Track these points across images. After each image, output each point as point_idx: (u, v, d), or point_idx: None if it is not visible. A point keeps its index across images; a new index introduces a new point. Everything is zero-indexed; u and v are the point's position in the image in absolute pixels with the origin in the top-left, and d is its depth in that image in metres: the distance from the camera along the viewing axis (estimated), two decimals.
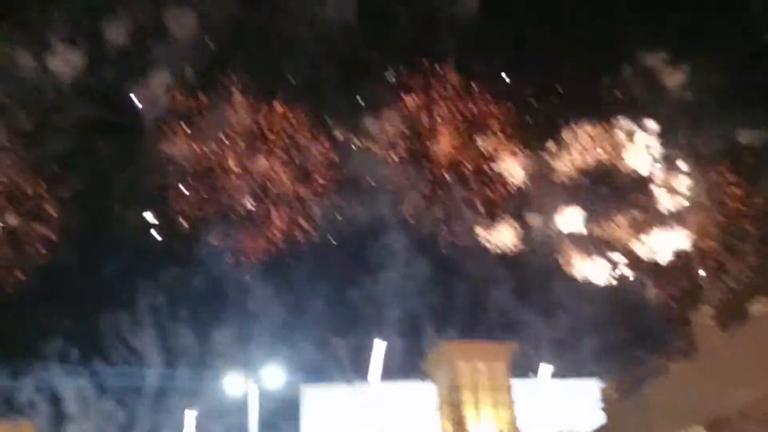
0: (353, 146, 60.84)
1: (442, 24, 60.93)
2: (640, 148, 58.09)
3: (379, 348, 54.11)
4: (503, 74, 59.24)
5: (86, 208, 56.22)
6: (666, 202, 56.43)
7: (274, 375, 39.64)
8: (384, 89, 61.44)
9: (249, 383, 39.18)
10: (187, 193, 58.29)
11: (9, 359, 53.15)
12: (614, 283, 56.09)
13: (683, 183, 56.45)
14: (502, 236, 59.06)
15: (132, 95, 59.41)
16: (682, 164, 57.67)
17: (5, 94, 55.00)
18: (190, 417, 54.55)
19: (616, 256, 57.33)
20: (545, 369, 53.92)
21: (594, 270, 57.36)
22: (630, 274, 56.98)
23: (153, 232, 57.92)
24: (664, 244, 54.83)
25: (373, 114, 60.93)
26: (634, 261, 56.81)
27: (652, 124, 58.41)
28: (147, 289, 57.94)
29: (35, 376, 54.72)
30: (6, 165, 53.51)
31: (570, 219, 58.74)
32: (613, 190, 58.85)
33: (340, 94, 62.00)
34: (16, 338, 54.50)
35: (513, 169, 59.55)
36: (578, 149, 59.14)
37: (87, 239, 56.66)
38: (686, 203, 55.49)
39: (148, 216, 58.29)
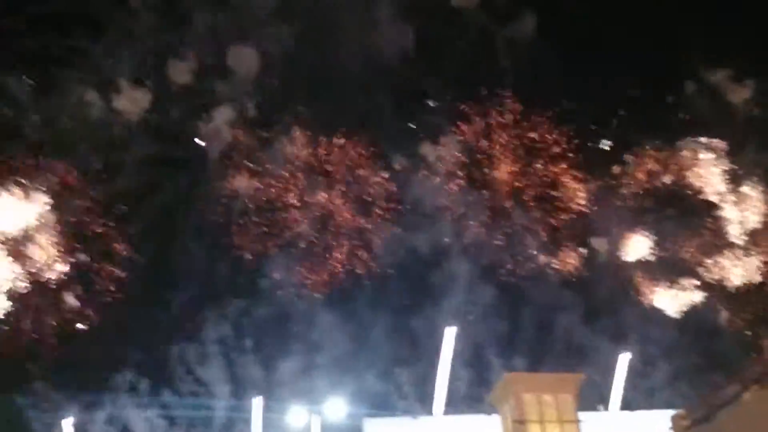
0: (412, 175, 61.45)
1: (499, 49, 61.10)
2: (708, 169, 56.91)
3: (449, 335, 54.31)
4: (563, 98, 58.87)
5: (153, 244, 57.90)
6: (736, 224, 54.98)
7: (336, 407, 39.84)
8: (442, 117, 62.09)
9: (312, 415, 39.44)
10: (249, 227, 59.54)
11: (82, 392, 54.84)
12: (685, 309, 54.71)
13: (754, 204, 54.92)
14: (567, 262, 58.43)
15: (196, 132, 61.47)
16: (752, 184, 56.29)
17: (75, 134, 57.44)
18: None
19: (686, 281, 55.99)
20: (623, 358, 53.00)
21: (664, 296, 56.14)
22: (701, 298, 55.58)
23: (218, 265, 59.13)
24: (735, 268, 53.27)
25: (431, 142, 61.38)
26: (705, 285, 55.39)
27: (719, 143, 57.26)
28: (212, 322, 58.86)
29: (107, 409, 56.17)
30: (75, 204, 55.59)
31: (637, 243, 57.72)
32: (681, 213, 57.72)
33: (398, 124, 62.67)
34: (88, 371, 56.00)
35: (576, 194, 59.01)
36: (643, 172, 58.32)
37: (154, 274, 58.01)
38: (757, 225, 53.91)
39: (213, 250, 59.29)
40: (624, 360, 53.18)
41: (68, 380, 54.70)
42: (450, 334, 53.00)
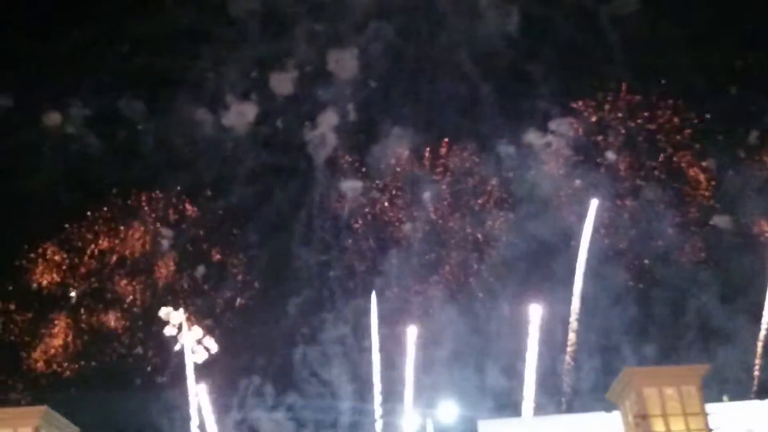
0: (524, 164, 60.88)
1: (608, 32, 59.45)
2: None
3: (535, 312, 54.04)
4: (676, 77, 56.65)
5: (269, 251, 60.33)
6: None
7: (449, 410, 40.13)
8: (555, 104, 61.07)
9: (426, 419, 39.97)
10: (359, 230, 60.98)
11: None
12: None
13: None
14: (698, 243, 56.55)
15: (303, 139, 63.43)
16: None
17: (188, 151, 60.75)
18: None
19: None
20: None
21: None
22: None
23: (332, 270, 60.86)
24: None
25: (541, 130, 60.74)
26: None
27: None
28: (328, 326, 60.41)
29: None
30: (194, 218, 58.96)
31: None
32: None
33: (504, 112, 62.09)
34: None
35: (700, 174, 56.96)
36: None
37: (271, 280, 60.32)
38: None
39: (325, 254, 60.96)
40: None
41: None
42: (536, 312, 52.68)
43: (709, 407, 39.88)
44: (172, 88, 61.78)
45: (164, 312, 55.68)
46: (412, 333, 56.12)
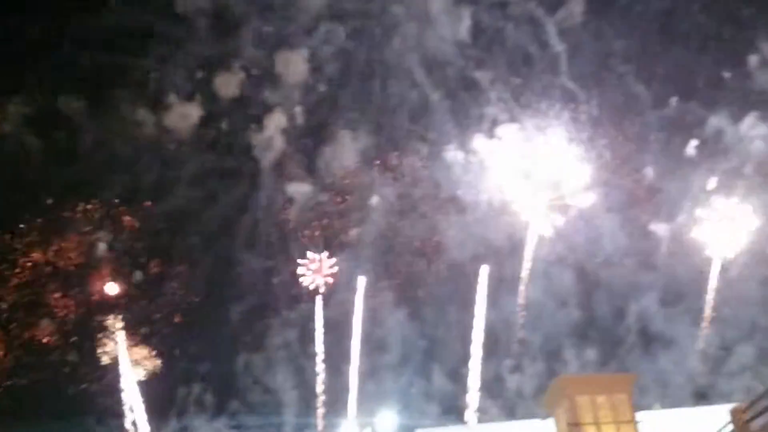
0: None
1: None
2: None
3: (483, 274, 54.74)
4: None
5: (211, 255, 60.11)
6: None
7: (388, 420, 40.35)
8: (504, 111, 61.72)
9: (363, 429, 40.13)
10: (306, 235, 61.00)
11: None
12: None
13: None
14: None
15: (249, 142, 63.19)
16: None
17: (129, 153, 60.19)
18: None
19: None
20: None
21: None
22: None
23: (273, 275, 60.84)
24: None
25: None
26: None
27: None
28: (272, 333, 60.42)
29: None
30: (132, 221, 58.42)
31: None
32: None
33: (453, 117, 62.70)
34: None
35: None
36: None
37: (214, 286, 60.15)
38: None
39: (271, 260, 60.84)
40: None
41: None
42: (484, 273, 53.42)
43: (640, 415, 40.73)
44: (114, 86, 61.29)
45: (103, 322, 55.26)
46: (356, 339, 56.52)
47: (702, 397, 52.13)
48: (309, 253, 60.11)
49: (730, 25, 57.25)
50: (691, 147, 58.03)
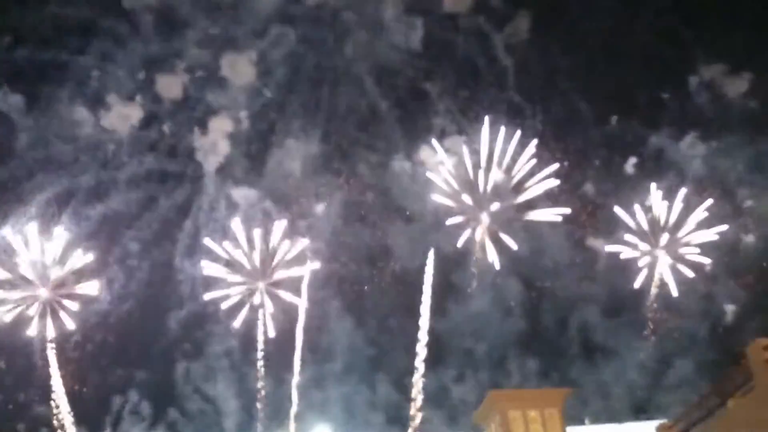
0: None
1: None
2: None
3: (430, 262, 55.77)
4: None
5: (150, 261, 59.56)
6: None
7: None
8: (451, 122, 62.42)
9: None
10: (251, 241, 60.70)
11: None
12: None
13: None
14: None
15: (192, 146, 62.76)
16: None
17: (68, 153, 59.33)
18: None
19: None
20: None
21: None
22: None
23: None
24: None
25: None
26: None
27: None
28: (213, 340, 60.10)
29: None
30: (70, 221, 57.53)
31: None
32: None
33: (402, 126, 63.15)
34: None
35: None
36: None
37: (151, 292, 59.59)
38: None
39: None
40: None
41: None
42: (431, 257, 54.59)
43: (571, 430, 41.95)
44: (53, 83, 60.29)
45: None
46: (299, 346, 56.55)
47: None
48: None
49: (672, 46, 58.62)
50: (630, 165, 59.71)
